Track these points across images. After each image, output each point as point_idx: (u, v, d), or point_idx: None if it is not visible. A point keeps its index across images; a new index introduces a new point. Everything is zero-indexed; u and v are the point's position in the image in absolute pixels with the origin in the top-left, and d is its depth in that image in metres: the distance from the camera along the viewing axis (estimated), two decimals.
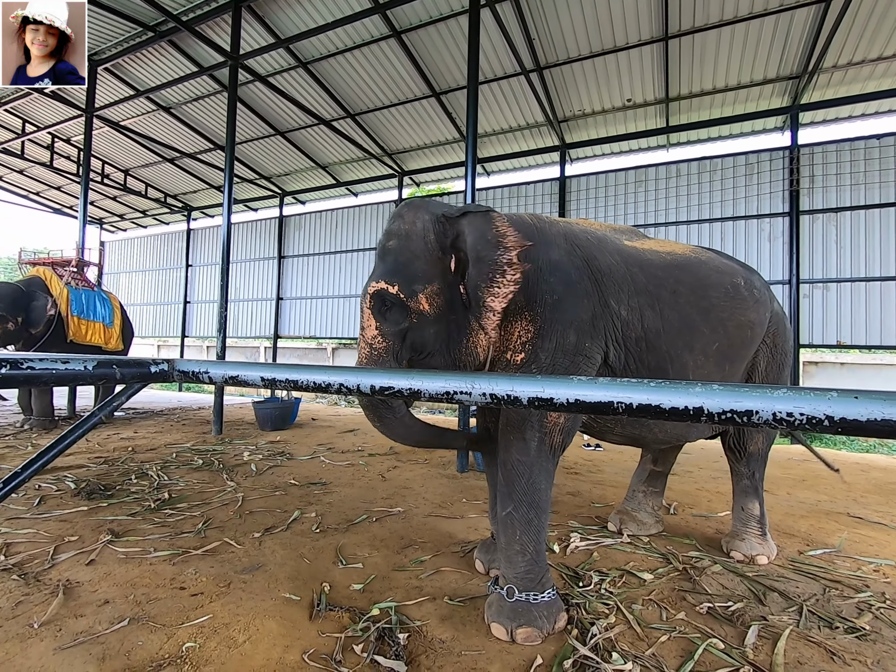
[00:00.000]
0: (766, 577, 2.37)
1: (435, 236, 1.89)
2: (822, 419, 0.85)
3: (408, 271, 1.83)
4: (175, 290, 13.76)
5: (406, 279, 1.82)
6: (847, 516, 3.41)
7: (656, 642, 1.81)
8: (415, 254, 1.86)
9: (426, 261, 1.86)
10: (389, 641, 1.77)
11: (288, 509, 3.21)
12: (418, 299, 1.81)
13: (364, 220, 10.83)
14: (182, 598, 2.03)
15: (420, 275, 1.83)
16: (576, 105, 7.83)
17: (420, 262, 1.85)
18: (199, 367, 1.59)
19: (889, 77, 6.49)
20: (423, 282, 1.83)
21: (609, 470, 4.73)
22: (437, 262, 1.87)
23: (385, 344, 1.85)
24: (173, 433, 6.01)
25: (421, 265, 1.85)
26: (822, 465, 3.09)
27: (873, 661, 1.73)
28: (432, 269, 1.86)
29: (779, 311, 2.66)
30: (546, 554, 2.01)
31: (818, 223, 7.15)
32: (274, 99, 8.50)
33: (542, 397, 1.08)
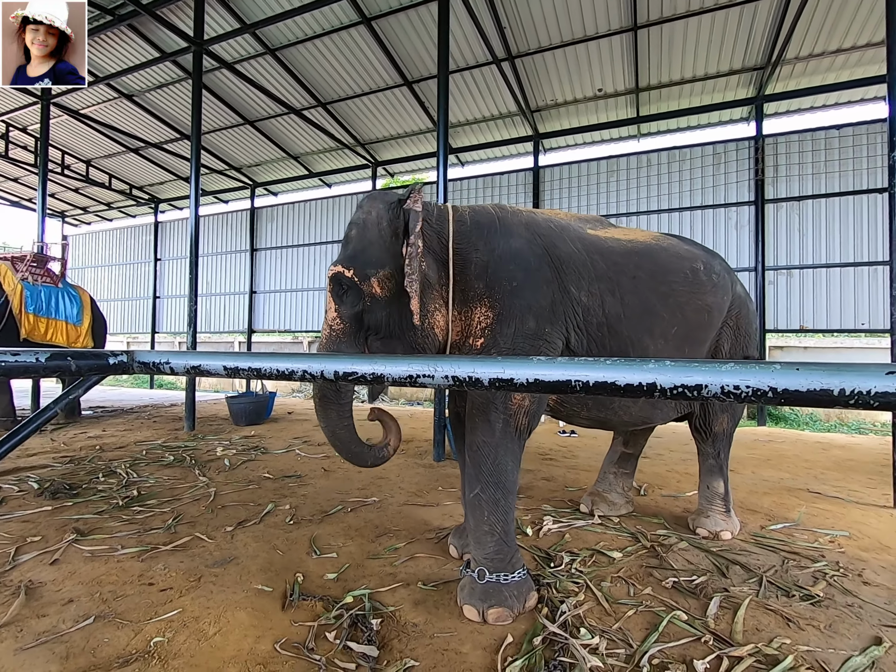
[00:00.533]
0: (729, 552, 2.46)
1: (388, 223, 2.00)
2: (766, 391, 0.88)
3: (363, 257, 1.96)
4: (144, 285, 13.36)
5: (361, 264, 1.95)
6: (807, 492, 3.56)
7: (623, 617, 1.86)
8: (370, 241, 1.99)
9: (379, 247, 1.98)
10: (362, 627, 1.78)
11: (261, 502, 3.18)
12: (371, 283, 1.94)
13: (338, 211, 10.70)
14: (150, 593, 2.00)
15: (373, 260, 1.96)
16: (548, 95, 7.86)
17: (374, 248, 1.98)
18: (160, 358, 1.55)
19: (847, 69, 6.69)
20: (375, 266, 1.95)
21: (583, 455, 4.82)
22: (389, 248, 1.98)
23: (343, 325, 1.98)
24: (143, 431, 5.87)
25: (375, 251, 1.97)
26: (785, 444, 3.22)
27: (826, 626, 1.81)
28: (384, 254, 1.97)
29: (741, 294, 2.73)
30: (515, 534, 2.05)
31: (782, 211, 7.37)
32: (241, 87, 8.28)
33: (502, 378, 1.09)
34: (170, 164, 11.25)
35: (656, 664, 1.59)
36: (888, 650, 1.66)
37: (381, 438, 2.14)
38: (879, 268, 6.74)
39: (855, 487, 3.71)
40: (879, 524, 2.90)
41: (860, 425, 7.34)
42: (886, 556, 2.45)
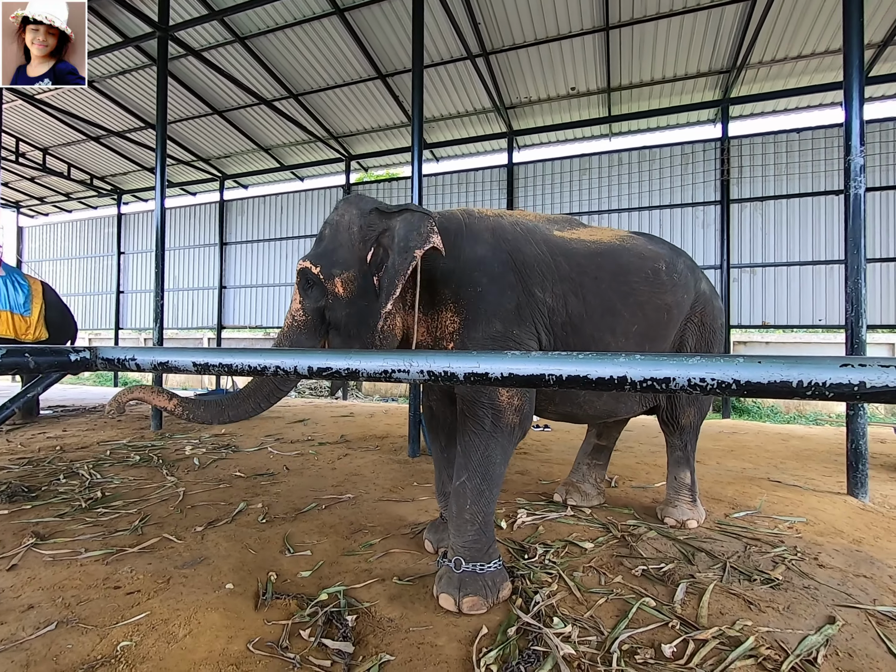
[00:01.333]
0: (695, 539, 2.55)
1: (358, 229, 2.06)
2: (730, 383, 0.92)
3: (331, 256, 2.03)
4: (107, 279, 12.88)
5: (328, 263, 2.02)
6: (768, 481, 3.72)
7: (595, 605, 1.91)
8: (339, 242, 2.05)
9: (347, 250, 2.04)
10: (337, 624, 1.77)
11: (233, 501, 3.12)
12: (334, 282, 2.01)
13: (311, 205, 10.54)
14: (116, 597, 1.94)
15: (340, 261, 2.02)
16: (522, 92, 7.90)
17: (342, 250, 2.04)
18: (125, 354, 1.51)
19: (807, 74, 6.96)
20: (341, 268, 2.02)
21: (556, 449, 4.90)
22: (356, 253, 2.04)
23: (304, 318, 2.05)
24: (108, 430, 5.67)
25: (343, 253, 2.04)
26: (748, 436, 3.35)
27: (784, 607, 1.90)
28: (351, 257, 2.04)
29: (706, 291, 2.82)
30: (494, 526, 2.08)
31: (746, 211, 7.64)
32: (210, 75, 8.04)
33: (477, 372, 1.10)
34: (134, 154, 10.85)
35: (626, 649, 1.63)
36: (841, 628, 1.75)
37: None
38: (835, 266, 7.06)
39: (812, 476, 3.89)
40: (834, 510, 3.05)
41: (818, 416, 7.69)
42: (840, 539, 2.59)
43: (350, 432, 5.73)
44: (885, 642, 1.68)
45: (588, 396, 2.38)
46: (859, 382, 0.83)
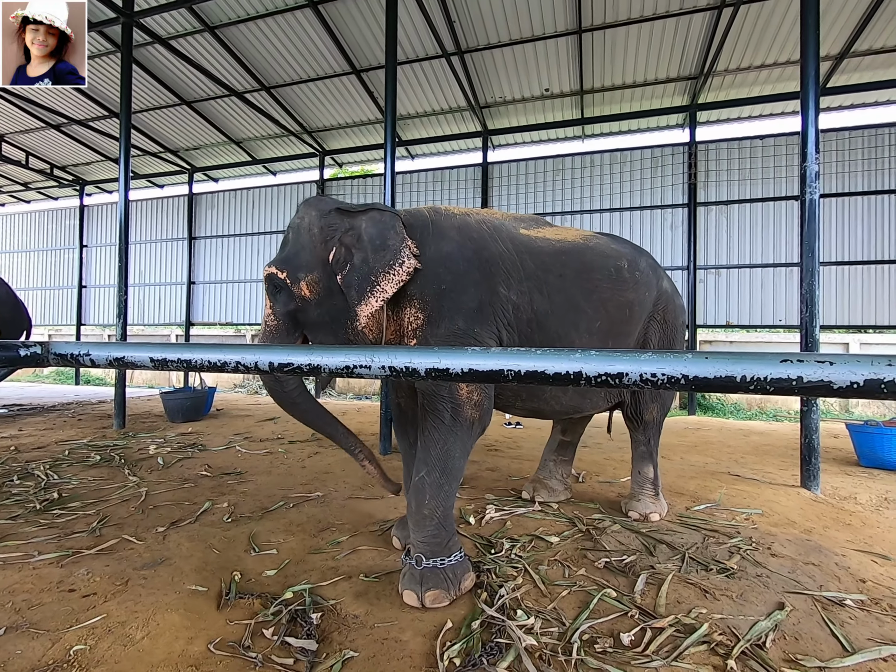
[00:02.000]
0: (657, 532, 2.62)
1: (319, 230, 2.09)
2: (679, 378, 0.94)
3: (295, 260, 2.07)
4: (68, 273, 12.38)
5: (293, 267, 2.06)
6: (728, 475, 3.85)
7: (558, 597, 1.95)
8: (302, 245, 2.10)
9: (310, 252, 2.08)
10: (302, 622, 1.76)
11: (198, 501, 3.06)
12: (300, 286, 2.05)
13: (283, 200, 10.36)
14: (71, 600, 1.88)
15: (304, 264, 2.07)
16: (497, 92, 7.95)
17: (305, 252, 2.08)
18: (80, 350, 1.45)
19: (770, 83, 7.21)
20: (305, 270, 2.06)
21: (527, 446, 4.97)
22: (318, 254, 2.08)
23: (276, 322, 2.10)
24: (66, 429, 5.47)
25: (305, 256, 2.08)
26: (711, 432, 3.48)
27: (737, 595, 1.98)
28: (313, 259, 2.08)
29: (667, 290, 2.90)
30: (454, 520, 2.10)
31: (712, 214, 7.87)
32: (178, 65, 7.80)
33: (438, 368, 1.11)
34: (97, 144, 10.44)
35: (586, 639, 1.68)
36: (789, 614, 1.84)
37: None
38: (794, 269, 7.34)
39: (769, 469, 4.06)
40: (788, 502, 3.19)
41: (777, 413, 8.00)
42: (792, 530, 2.71)
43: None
44: (829, 626, 1.77)
45: (554, 392, 2.42)
46: (797, 377, 0.86)
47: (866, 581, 2.11)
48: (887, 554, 2.39)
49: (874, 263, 7.23)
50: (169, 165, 10.98)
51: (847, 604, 1.91)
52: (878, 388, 0.79)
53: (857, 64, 6.71)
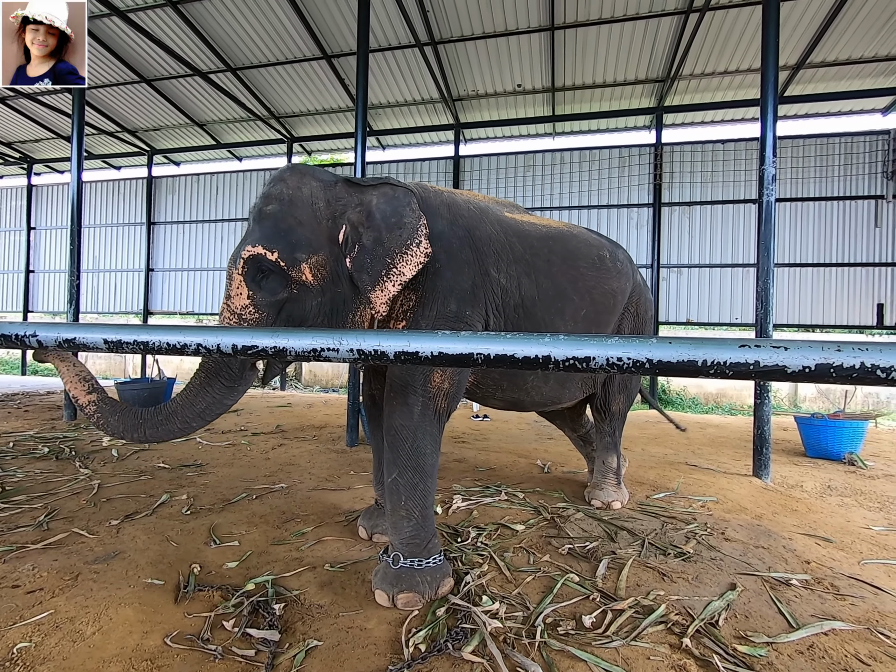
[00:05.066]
0: (618, 519, 2.70)
1: (325, 204, 1.83)
2: (644, 362, 0.97)
3: (291, 238, 1.73)
4: (13, 257, 11.65)
5: (288, 246, 1.71)
6: (685, 465, 4.00)
7: (523, 583, 1.98)
8: (299, 220, 1.76)
9: (312, 229, 1.78)
10: (264, 613, 1.72)
11: (155, 493, 2.95)
12: (301, 269, 1.73)
13: (249, 186, 10.04)
14: (15, 596, 1.78)
15: (304, 243, 1.74)
16: (469, 85, 7.93)
17: (305, 229, 1.76)
18: (25, 330, 1.36)
19: (732, 90, 7.48)
20: (307, 250, 1.74)
21: (494, 438, 5.01)
22: (323, 232, 1.80)
23: (257, 315, 1.72)
24: (11, 421, 5.17)
25: (306, 233, 1.76)
26: (672, 425, 3.62)
27: (693, 577, 2.06)
28: (319, 238, 1.79)
29: (640, 283, 2.98)
30: (434, 519, 2.02)
31: (675, 214, 8.12)
32: (137, 40, 7.41)
33: (407, 351, 1.10)
34: (46, 120, 9.83)
35: (549, 622, 1.71)
36: (740, 594, 1.92)
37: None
38: (751, 269, 7.66)
39: (724, 460, 4.23)
40: (741, 490, 3.34)
41: (732, 407, 8.36)
42: (744, 516, 2.83)
43: (286, 422, 5.56)
44: (776, 604, 1.86)
45: (535, 382, 2.40)
46: (754, 361, 0.90)
47: (810, 562, 2.23)
48: (829, 537, 2.54)
49: (823, 266, 7.64)
50: (126, 146, 10.46)
51: (793, 583, 2.02)
52: (827, 373, 0.83)
53: (811, 75, 7.03)
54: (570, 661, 1.51)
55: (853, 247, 7.54)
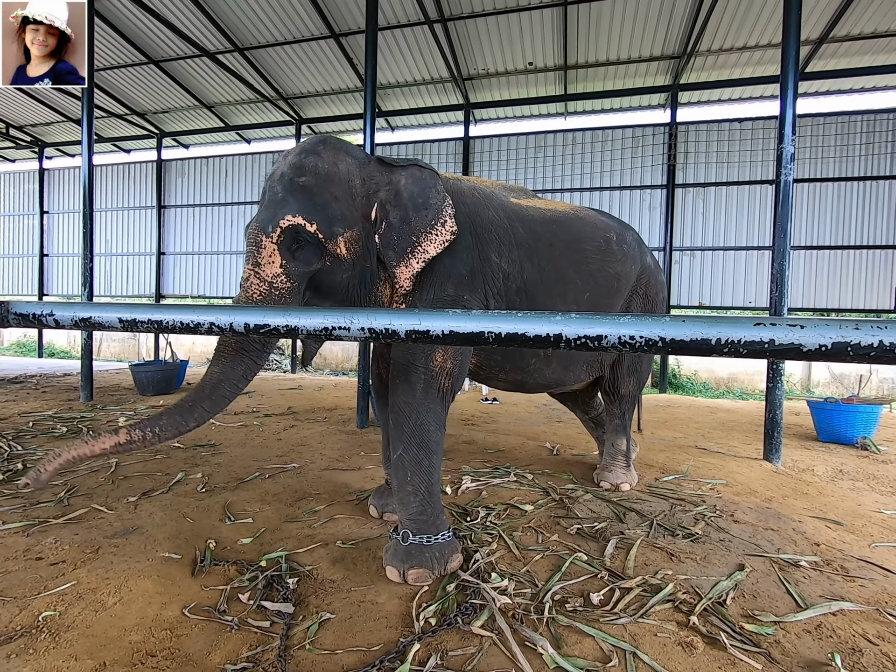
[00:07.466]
0: (627, 501, 2.71)
1: (361, 182, 1.92)
2: (657, 340, 0.96)
3: (328, 212, 1.80)
4: (27, 241, 11.78)
5: (326, 219, 1.79)
6: (695, 448, 3.99)
7: (531, 561, 2.00)
8: (335, 196, 1.83)
9: (347, 205, 1.86)
10: (278, 587, 1.77)
11: (170, 472, 3.01)
12: (337, 242, 1.81)
13: (258, 168, 10.01)
14: (39, 568, 1.84)
15: (340, 218, 1.82)
16: (480, 63, 7.77)
17: (341, 205, 1.84)
18: (42, 310, 1.38)
19: (751, 66, 7.25)
20: (343, 225, 1.83)
21: (503, 420, 5.03)
22: (358, 208, 1.89)
23: (289, 284, 1.76)
24: (30, 401, 5.29)
25: (342, 208, 1.84)
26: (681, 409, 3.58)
27: (701, 558, 2.07)
28: (353, 213, 1.87)
29: (651, 265, 2.94)
30: (440, 495, 2.06)
31: (689, 196, 7.96)
32: (144, 19, 7.34)
33: (419, 330, 1.10)
34: (57, 103, 9.84)
35: (558, 599, 1.73)
36: (748, 574, 1.93)
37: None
38: (766, 252, 7.52)
39: (734, 444, 4.22)
40: (750, 473, 3.33)
41: (743, 391, 8.29)
42: (754, 498, 2.83)
43: (297, 404, 5.63)
44: (785, 585, 1.87)
45: (537, 365, 2.41)
46: (769, 340, 0.89)
47: (820, 544, 2.23)
48: (840, 520, 2.53)
49: (841, 248, 7.47)
50: (136, 129, 10.46)
51: (802, 565, 2.02)
52: (844, 351, 0.82)
53: (834, 50, 6.78)
54: (578, 637, 1.54)
55: (872, 229, 7.35)
